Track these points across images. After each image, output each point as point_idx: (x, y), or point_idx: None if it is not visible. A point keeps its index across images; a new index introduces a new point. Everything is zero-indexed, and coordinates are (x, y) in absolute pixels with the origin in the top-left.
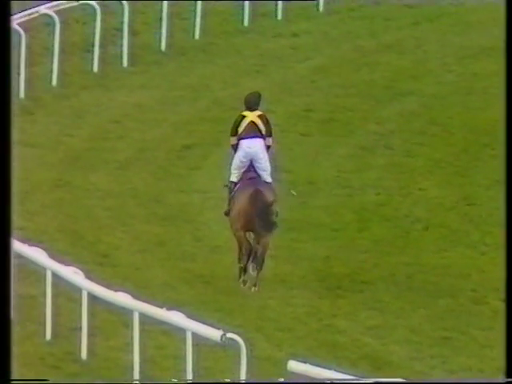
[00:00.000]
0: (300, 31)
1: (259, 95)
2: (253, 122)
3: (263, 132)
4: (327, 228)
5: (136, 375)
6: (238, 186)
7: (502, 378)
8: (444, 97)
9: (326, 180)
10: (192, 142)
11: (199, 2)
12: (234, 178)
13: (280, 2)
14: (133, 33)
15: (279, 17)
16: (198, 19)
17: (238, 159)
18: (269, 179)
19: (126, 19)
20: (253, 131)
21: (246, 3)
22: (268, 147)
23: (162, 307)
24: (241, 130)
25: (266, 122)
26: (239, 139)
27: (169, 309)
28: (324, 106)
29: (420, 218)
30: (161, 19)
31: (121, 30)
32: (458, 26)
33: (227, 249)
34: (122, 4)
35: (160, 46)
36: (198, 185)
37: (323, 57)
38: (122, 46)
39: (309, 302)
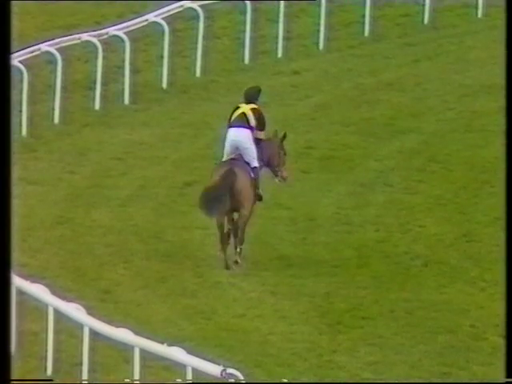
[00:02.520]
0: (300, 69)
1: (259, 90)
2: (243, 113)
3: (252, 123)
4: (327, 264)
5: None
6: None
7: (501, 378)
8: (443, 134)
9: (325, 217)
10: (193, 179)
11: (200, 41)
12: (223, 159)
13: (281, 41)
14: (134, 71)
15: (279, 55)
16: (199, 57)
17: (227, 146)
18: (255, 164)
19: (127, 57)
20: (241, 121)
21: (247, 42)
22: (259, 140)
23: (162, 343)
24: (232, 118)
25: (258, 116)
26: (228, 127)
27: (169, 344)
28: (324, 144)
29: (419, 255)
30: (162, 57)
31: (122, 68)
32: (457, 63)
33: (228, 285)
34: (123, 42)
35: (161, 83)
36: (198, 221)
37: (323, 94)
38: (123, 83)
39: (309, 338)
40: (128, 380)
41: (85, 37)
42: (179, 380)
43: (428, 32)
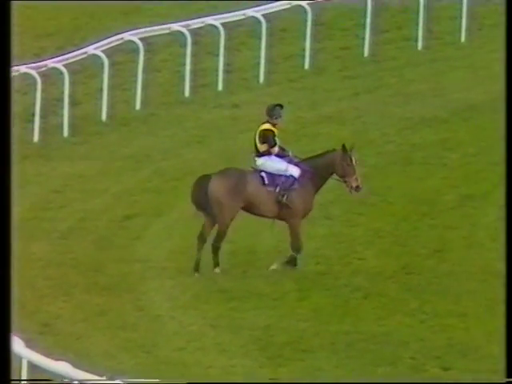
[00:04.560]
0: (241, 102)
1: (274, 106)
2: (254, 140)
3: (261, 150)
4: (267, 297)
5: None
6: None
7: (502, 378)
8: (383, 167)
9: (266, 250)
10: (133, 212)
11: (140, 74)
12: None
13: (221, 74)
14: (74, 103)
15: (220, 88)
16: (139, 90)
17: None
18: (286, 173)
19: (66, 89)
20: (255, 150)
21: (187, 75)
22: (282, 150)
23: (102, 376)
24: None
25: (263, 137)
26: None
27: (109, 378)
28: None
29: (359, 287)
30: (101, 90)
31: (61, 101)
32: (397, 96)
33: (168, 318)
34: (62, 74)
35: (101, 116)
36: (139, 254)
37: None
38: (62, 116)
39: (249, 371)
40: None
41: (23, 69)
42: None
43: (368, 65)
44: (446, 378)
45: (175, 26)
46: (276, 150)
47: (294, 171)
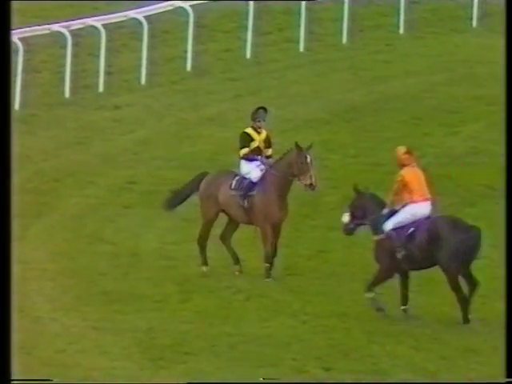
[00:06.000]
0: (122, 104)
1: (257, 109)
2: None
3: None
4: (150, 299)
5: None
6: None
7: (501, 378)
8: None
9: (148, 252)
10: (13, 212)
11: (19, 74)
12: None
13: (102, 76)
14: None
15: (101, 89)
16: (18, 90)
17: None
18: (250, 177)
19: None
20: None
21: (68, 76)
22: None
23: None
24: None
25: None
26: None
27: None
28: (146, 178)
29: (242, 289)
30: None
31: None
32: (279, 98)
33: (49, 320)
34: None
35: None
36: (21, 256)
37: (146, 129)
38: None
39: (130, 373)
40: None
41: None
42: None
43: (250, 67)
44: (327, 379)
45: (55, 27)
46: (243, 152)
47: (254, 175)
